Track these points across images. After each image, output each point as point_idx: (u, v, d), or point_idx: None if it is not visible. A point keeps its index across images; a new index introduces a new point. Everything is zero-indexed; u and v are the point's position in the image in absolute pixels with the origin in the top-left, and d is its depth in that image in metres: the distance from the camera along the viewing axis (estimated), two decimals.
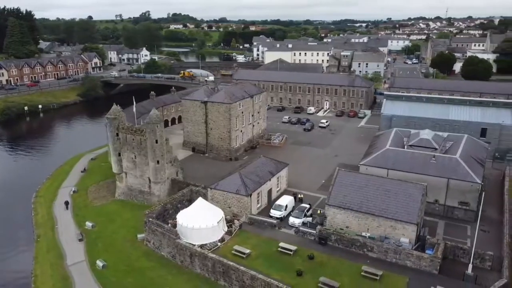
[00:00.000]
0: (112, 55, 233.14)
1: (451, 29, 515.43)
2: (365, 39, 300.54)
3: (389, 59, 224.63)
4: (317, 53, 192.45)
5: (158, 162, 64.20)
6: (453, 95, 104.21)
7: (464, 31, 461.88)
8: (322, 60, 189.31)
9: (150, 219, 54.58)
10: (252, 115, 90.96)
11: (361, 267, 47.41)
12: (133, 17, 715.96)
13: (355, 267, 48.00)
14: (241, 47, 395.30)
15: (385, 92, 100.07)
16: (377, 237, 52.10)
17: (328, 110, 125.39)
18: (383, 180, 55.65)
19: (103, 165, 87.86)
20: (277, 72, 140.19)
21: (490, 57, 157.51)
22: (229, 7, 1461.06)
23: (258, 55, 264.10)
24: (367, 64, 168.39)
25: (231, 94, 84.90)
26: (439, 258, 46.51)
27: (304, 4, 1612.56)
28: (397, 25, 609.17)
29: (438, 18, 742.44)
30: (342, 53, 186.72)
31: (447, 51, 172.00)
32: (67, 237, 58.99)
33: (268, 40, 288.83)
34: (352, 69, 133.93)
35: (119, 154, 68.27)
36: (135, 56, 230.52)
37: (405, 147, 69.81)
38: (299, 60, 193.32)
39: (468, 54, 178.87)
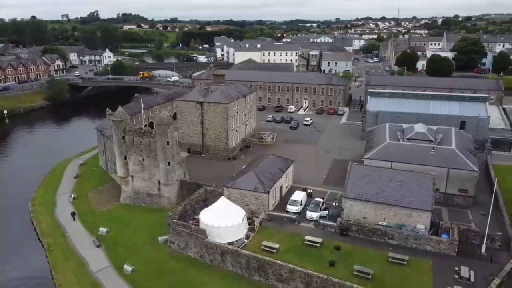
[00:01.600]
0: (73, 57, 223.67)
1: (399, 28, 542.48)
2: (323, 38, 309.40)
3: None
4: (286, 53, 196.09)
5: (169, 163, 63.83)
6: (426, 91, 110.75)
7: (411, 31, 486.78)
8: (291, 60, 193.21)
9: (174, 220, 54.41)
10: (245, 115, 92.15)
11: (387, 254, 50.39)
12: (81, 17, 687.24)
13: (381, 254, 50.87)
14: (200, 47, 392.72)
15: (369, 90, 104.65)
16: (393, 226, 55.36)
17: (307, 108, 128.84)
18: (395, 172, 59.19)
19: (95, 169, 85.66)
20: (256, 72, 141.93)
21: (449, 55, 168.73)
22: (179, 7, 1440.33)
23: (222, 55, 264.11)
24: (336, 63, 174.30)
25: (227, 94, 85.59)
26: (457, 240, 50.43)
27: (254, 4, 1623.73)
28: (349, 25, 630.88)
29: (384, 19, 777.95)
30: (310, 53, 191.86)
31: (408, 50, 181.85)
32: (82, 244, 57.34)
33: (232, 41, 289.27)
34: (329, 69, 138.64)
35: (125, 157, 66.99)
36: (97, 57, 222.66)
37: (400, 140, 74.16)
38: (268, 60, 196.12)
39: (427, 52, 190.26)
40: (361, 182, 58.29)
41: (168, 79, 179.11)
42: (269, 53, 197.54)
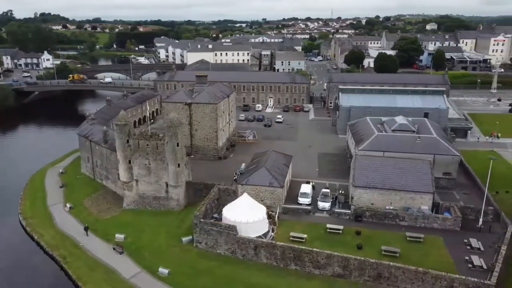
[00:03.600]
0: (6, 60, 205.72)
1: (328, 28, 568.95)
2: (260, 38, 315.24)
3: None
4: (238, 53, 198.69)
5: (178, 165, 63.76)
6: (383, 86, 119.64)
7: (339, 31, 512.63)
8: (243, 60, 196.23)
9: (202, 220, 54.99)
10: (228, 114, 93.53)
11: (403, 234, 55.57)
12: None
13: (397, 235, 55.93)
14: (136, 48, 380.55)
15: (340, 86, 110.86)
16: (399, 209, 60.84)
17: (273, 107, 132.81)
18: (396, 160, 64.82)
19: (79, 177, 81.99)
20: (219, 72, 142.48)
21: (391, 53, 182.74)
22: (100, 7, 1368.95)
23: (167, 56, 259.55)
24: (289, 62, 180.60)
25: (213, 94, 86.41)
26: (460, 217, 57.01)
27: (178, 4, 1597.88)
28: (280, 25, 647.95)
29: (308, 19, 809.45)
30: (262, 53, 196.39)
31: (353, 49, 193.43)
32: (102, 253, 55.54)
33: (177, 41, 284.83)
34: (291, 68, 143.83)
35: (129, 162, 65.53)
36: (34, 60, 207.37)
37: (383, 132, 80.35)
38: (221, 60, 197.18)
39: (370, 51, 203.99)
40: (367, 171, 63.14)
41: (101, 80, 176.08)
42: (221, 53, 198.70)
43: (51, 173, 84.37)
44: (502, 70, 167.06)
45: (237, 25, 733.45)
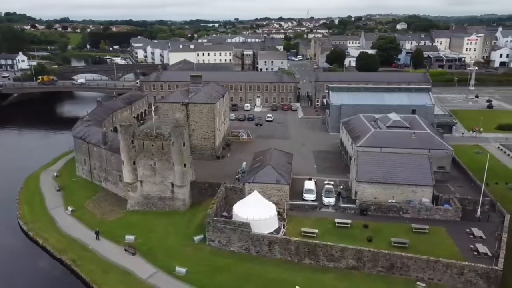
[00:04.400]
0: None
1: (302, 28, 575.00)
2: (238, 38, 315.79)
3: None
4: (220, 53, 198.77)
5: (184, 165, 63.90)
6: (368, 84, 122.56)
7: (313, 30, 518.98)
8: (225, 60, 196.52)
9: (215, 218, 55.47)
10: (223, 114, 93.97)
11: (409, 226, 57.81)
12: None
13: (403, 227, 58.12)
14: (110, 48, 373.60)
15: (329, 85, 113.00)
16: (401, 202, 63.14)
17: (261, 106, 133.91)
18: (396, 155, 67.10)
19: (74, 180, 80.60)
20: (206, 72, 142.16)
21: (372, 52, 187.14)
22: (66, 6, 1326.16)
23: (145, 56, 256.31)
24: (272, 62, 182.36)
25: (210, 94, 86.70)
26: (461, 208, 59.77)
27: (149, 4, 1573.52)
28: (254, 25, 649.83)
29: (280, 19, 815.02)
30: (244, 52, 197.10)
31: (332, 48, 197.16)
32: (114, 254, 55.10)
33: (155, 41, 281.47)
34: (278, 67, 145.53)
35: (134, 163, 65.10)
36: (9, 62, 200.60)
37: (377, 128, 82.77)
38: (203, 60, 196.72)
39: (349, 50, 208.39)
40: (370, 166, 65.13)
41: (74, 82, 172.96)
42: (203, 53, 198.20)
43: (45, 177, 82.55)
44: (477, 68, 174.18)
45: (210, 25, 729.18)
